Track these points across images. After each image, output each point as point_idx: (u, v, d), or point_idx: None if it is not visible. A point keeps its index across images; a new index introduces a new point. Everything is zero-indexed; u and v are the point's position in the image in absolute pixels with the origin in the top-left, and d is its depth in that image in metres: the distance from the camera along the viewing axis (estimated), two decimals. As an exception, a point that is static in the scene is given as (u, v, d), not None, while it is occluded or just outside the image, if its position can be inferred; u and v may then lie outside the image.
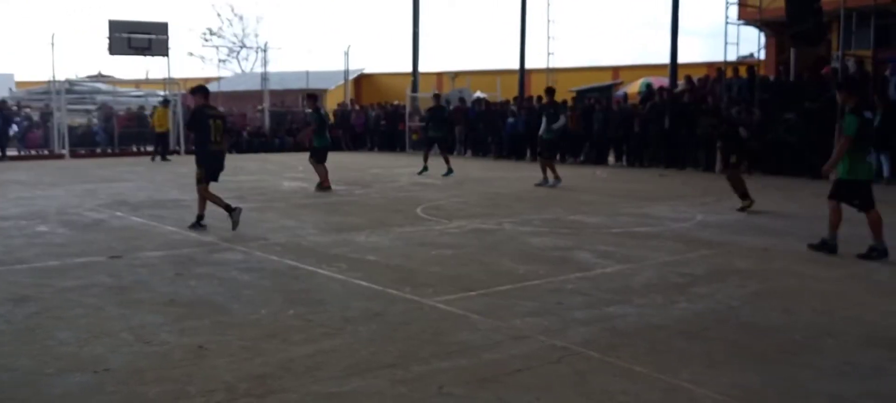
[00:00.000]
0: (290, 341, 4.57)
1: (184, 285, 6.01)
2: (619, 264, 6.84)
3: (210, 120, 8.73)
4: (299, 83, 31.91)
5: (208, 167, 8.76)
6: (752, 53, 19.26)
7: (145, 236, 8.38)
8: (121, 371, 4.04)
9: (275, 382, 3.89)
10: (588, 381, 3.93)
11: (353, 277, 6.25)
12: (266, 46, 29.23)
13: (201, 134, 8.79)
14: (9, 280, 6.18)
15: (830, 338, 4.68)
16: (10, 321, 4.99)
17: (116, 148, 24.64)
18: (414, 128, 25.56)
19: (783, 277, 6.41)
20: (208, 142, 8.74)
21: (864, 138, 6.98)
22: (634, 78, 26.66)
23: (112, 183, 14.66)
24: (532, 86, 27.11)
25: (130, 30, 23.14)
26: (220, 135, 8.83)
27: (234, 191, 13.07)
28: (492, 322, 4.95)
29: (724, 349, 4.45)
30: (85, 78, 31.62)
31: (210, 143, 8.74)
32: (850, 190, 7.13)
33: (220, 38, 46.63)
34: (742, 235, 8.43)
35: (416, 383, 3.88)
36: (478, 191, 13.17)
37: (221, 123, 8.90)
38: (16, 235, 8.43)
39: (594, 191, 13.33)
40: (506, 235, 8.47)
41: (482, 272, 6.52)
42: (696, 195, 12.43)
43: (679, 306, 5.40)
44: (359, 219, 9.66)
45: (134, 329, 4.80)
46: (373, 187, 13.96)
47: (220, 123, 8.85)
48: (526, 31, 25.72)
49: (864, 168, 7.08)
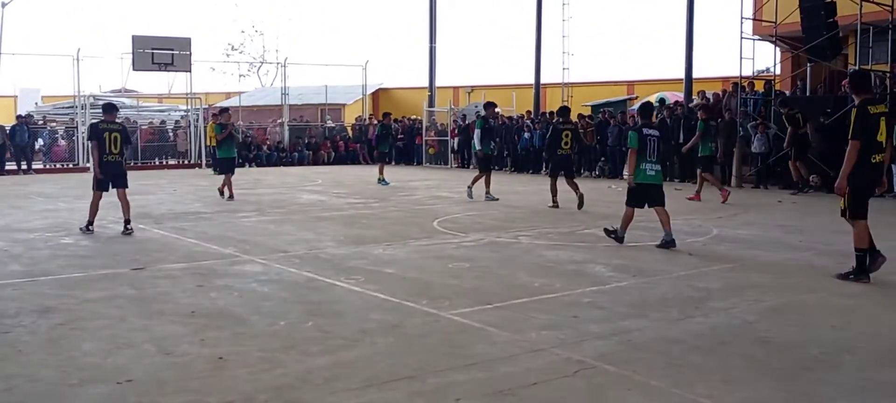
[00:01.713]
0: (308, 352, 4.63)
1: (205, 296, 6.10)
2: (635, 278, 6.85)
3: (106, 133, 9.54)
4: (318, 98, 32.18)
5: (103, 176, 9.56)
6: (767, 68, 19.19)
7: (167, 248, 8.50)
8: (143, 381, 4.12)
9: (293, 393, 3.95)
10: (604, 395, 3.95)
11: (371, 289, 6.31)
12: (286, 61, 29.47)
13: (99, 146, 9.55)
14: (34, 291, 6.30)
15: (848, 354, 4.66)
16: (34, 332, 5.10)
17: (139, 161, 24.96)
18: (430, 142, 25.67)
19: (800, 292, 6.39)
20: (104, 153, 9.52)
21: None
22: (649, 92, 26.61)
23: (135, 196, 14.72)
24: (547, 100, 27.14)
25: (154, 45, 23.45)
26: (118, 147, 9.58)
27: (254, 204, 13.23)
28: (508, 335, 4.98)
29: (741, 364, 4.45)
30: (109, 92, 32.07)
31: (105, 154, 9.52)
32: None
33: (242, 54, 47.21)
34: (758, 249, 8.40)
35: (432, 395, 3.92)
36: (494, 204, 13.20)
37: (119, 136, 9.64)
38: (41, 247, 8.59)
39: (609, 204, 13.31)
40: (522, 248, 8.50)
41: (498, 285, 6.55)
42: (711, 209, 12.39)
43: (695, 320, 5.41)
44: (376, 232, 9.73)
45: (156, 340, 4.89)
46: (390, 200, 14.05)
47: (117, 136, 9.61)
48: (541, 47, 25.79)
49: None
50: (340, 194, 15.21)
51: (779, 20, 16.91)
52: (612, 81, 30.46)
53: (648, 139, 8.52)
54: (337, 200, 14.01)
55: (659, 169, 8.66)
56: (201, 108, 25.29)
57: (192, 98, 25.34)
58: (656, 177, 8.60)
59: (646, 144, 8.50)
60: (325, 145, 27.56)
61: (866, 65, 16.19)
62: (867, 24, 15.72)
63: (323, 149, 27.28)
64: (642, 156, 8.51)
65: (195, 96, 25.55)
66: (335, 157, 27.15)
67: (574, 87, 26.46)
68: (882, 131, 6.61)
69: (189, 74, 24.47)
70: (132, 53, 23.25)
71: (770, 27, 17.33)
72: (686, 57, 21.78)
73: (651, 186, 8.58)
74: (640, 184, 8.57)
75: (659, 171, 8.66)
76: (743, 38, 17.09)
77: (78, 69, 23.99)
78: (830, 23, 15.70)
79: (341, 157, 27.26)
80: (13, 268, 7.36)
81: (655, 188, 8.59)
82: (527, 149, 21.92)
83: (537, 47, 25.82)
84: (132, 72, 24.08)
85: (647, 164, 8.54)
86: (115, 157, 9.60)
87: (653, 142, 8.52)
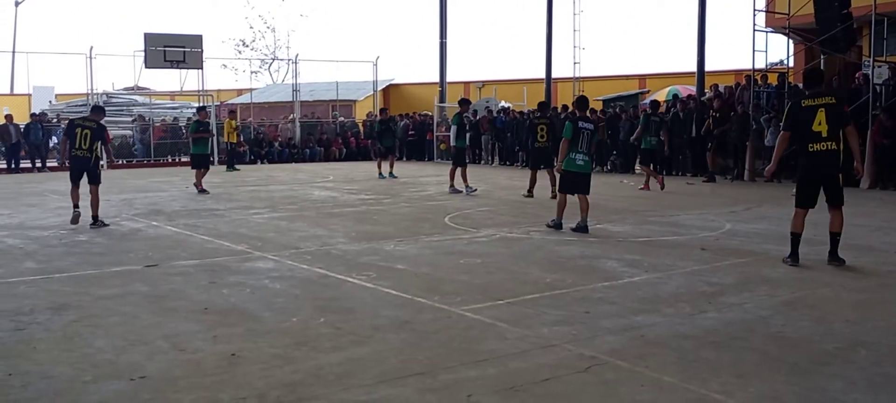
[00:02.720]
0: (320, 349, 4.64)
1: (217, 293, 6.13)
2: (647, 273, 6.82)
3: (78, 129, 10.03)
4: (329, 94, 32.24)
5: (71, 169, 10.15)
6: (780, 61, 19.04)
7: (180, 245, 8.54)
8: (156, 378, 4.15)
9: (305, 390, 3.96)
10: (616, 391, 3.94)
11: (382, 285, 6.32)
12: (297, 58, 29.53)
13: (69, 141, 10.15)
14: (48, 288, 6.36)
15: (863, 349, 4.63)
16: (49, 329, 5.14)
17: (152, 158, 25.10)
18: (441, 137, 25.66)
19: (814, 286, 6.34)
20: (73, 147, 10.05)
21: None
22: (661, 86, 26.49)
23: (148, 193, 14.95)
24: (559, 95, 27.06)
25: (166, 43, 23.55)
26: (86, 144, 9.99)
27: (266, 200, 13.28)
28: (520, 330, 4.98)
29: (754, 359, 4.42)
30: (122, 90, 32.25)
31: (74, 149, 10.04)
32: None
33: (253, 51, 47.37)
34: (772, 244, 8.35)
35: (444, 391, 3.92)
36: (505, 200, 13.19)
37: (90, 133, 10.02)
38: (56, 244, 8.66)
39: (621, 199, 13.27)
40: (533, 244, 8.49)
41: (510, 281, 6.55)
42: (724, 203, 12.32)
43: (708, 315, 5.38)
44: (387, 228, 9.74)
45: (169, 336, 4.92)
46: (401, 196, 14.05)
47: (88, 133, 10.02)
48: (552, 41, 25.69)
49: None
50: (352, 190, 15.23)
51: (792, 12, 16.76)
52: (624, 75, 30.33)
53: (582, 131, 9.05)
54: (348, 196, 14.03)
55: (588, 159, 9.21)
56: (213, 105, 25.37)
57: (204, 95, 25.44)
58: (585, 167, 9.16)
59: (579, 136, 9.03)
60: (336, 141, 27.61)
61: (881, 56, 16.05)
62: (882, 15, 15.55)
63: (334, 146, 27.32)
64: (574, 146, 9.05)
65: (207, 93, 25.64)
66: (346, 154, 27.19)
67: (585, 82, 26.31)
68: (821, 121, 6.90)
69: (201, 71, 24.57)
70: (144, 51, 23.35)
71: (783, 19, 17.18)
72: (698, 50, 21.62)
73: (580, 174, 9.15)
74: (569, 171, 9.14)
75: (588, 161, 9.22)
76: (756, 31, 16.97)
77: (91, 67, 24.12)
78: (844, 14, 15.55)
79: (352, 154, 27.30)
80: (28, 265, 7.43)
81: (583, 176, 9.18)
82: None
83: (548, 41, 25.72)
84: (145, 69, 24.17)
85: (577, 154, 9.08)
86: (83, 153, 10.02)
87: (586, 134, 9.07)
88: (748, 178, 16.37)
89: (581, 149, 9.07)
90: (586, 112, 9.69)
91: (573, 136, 9.05)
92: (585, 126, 9.11)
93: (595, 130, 9.35)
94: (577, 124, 9.07)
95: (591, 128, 9.18)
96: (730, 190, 13.51)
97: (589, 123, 9.23)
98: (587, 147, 9.13)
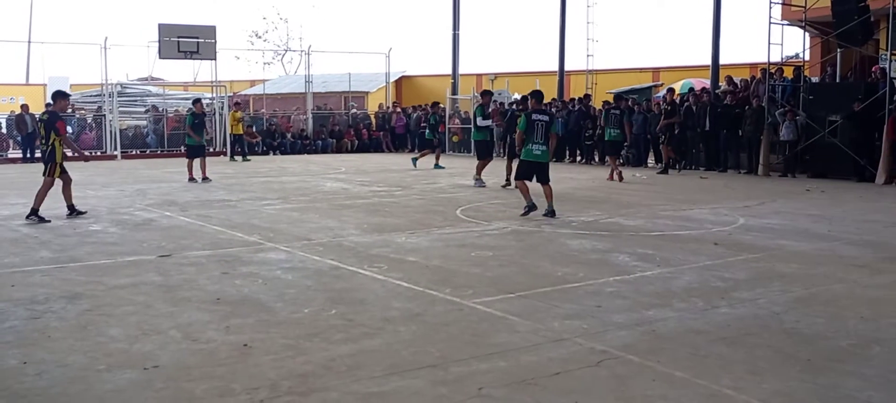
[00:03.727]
0: (331, 340, 4.66)
1: (229, 284, 6.16)
2: (659, 268, 6.79)
3: (39, 124, 10.25)
4: (342, 85, 32.25)
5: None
6: (796, 54, 18.85)
7: (193, 235, 8.59)
8: (169, 367, 4.17)
9: (317, 381, 3.98)
10: (627, 386, 3.93)
11: (394, 277, 6.33)
12: (309, 49, 29.55)
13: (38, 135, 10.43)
14: (63, 277, 6.41)
15: (877, 346, 4.59)
16: (63, 318, 5.18)
17: (165, 149, 25.23)
18: (454, 129, 25.63)
19: (828, 282, 6.29)
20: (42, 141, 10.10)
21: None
22: (675, 79, 26.32)
23: (161, 183, 15.03)
24: (571, 87, 26.95)
25: (180, 34, 23.63)
26: (43, 134, 10.04)
27: (278, 191, 13.32)
28: (531, 324, 4.97)
29: (767, 355, 4.40)
30: (136, 80, 32.40)
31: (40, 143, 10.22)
32: None
33: (266, 42, 47.45)
34: (786, 239, 8.29)
35: (455, 384, 3.93)
36: (517, 193, 13.14)
37: (43, 125, 10.13)
38: (70, 234, 8.73)
39: (633, 193, 13.22)
40: (545, 237, 8.47)
41: (521, 274, 6.54)
42: (737, 198, 12.24)
43: (720, 311, 5.35)
44: (399, 220, 9.75)
45: (181, 326, 4.95)
46: (413, 188, 14.06)
47: (41, 124, 10.22)
48: (565, 33, 25.60)
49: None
50: (364, 182, 15.25)
51: (808, 4, 16.58)
52: (637, 68, 30.15)
53: (536, 123, 9.64)
54: (360, 188, 14.05)
55: (545, 149, 9.72)
56: (226, 96, 25.47)
57: (217, 86, 25.53)
58: (542, 156, 9.70)
59: (533, 127, 9.64)
60: (348, 133, 27.63)
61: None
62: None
63: (346, 137, 27.34)
64: (530, 137, 9.65)
65: (220, 84, 25.73)
66: (358, 145, 27.21)
67: (598, 74, 26.22)
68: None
69: (214, 62, 24.64)
70: (158, 42, 23.43)
71: (799, 12, 17.00)
72: (713, 42, 21.48)
73: (535, 163, 9.71)
74: (525, 160, 9.79)
75: (545, 151, 9.73)
76: (771, 23, 16.78)
77: (105, 57, 24.26)
78: (862, 7, 15.38)
79: (365, 145, 27.32)
80: (42, 255, 7.49)
81: (540, 165, 9.75)
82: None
83: (561, 33, 25.64)
84: (158, 60, 24.26)
85: (533, 145, 9.66)
86: (43, 146, 10.08)
87: (540, 125, 9.65)
88: (762, 173, 16.25)
89: (537, 139, 9.61)
90: (541, 104, 10.22)
91: (527, 128, 9.65)
92: (539, 117, 9.67)
93: (550, 121, 9.85)
94: (530, 117, 9.67)
95: (545, 119, 9.71)
96: (743, 184, 13.43)
97: (543, 115, 9.80)
98: (543, 137, 9.63)
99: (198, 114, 16.16)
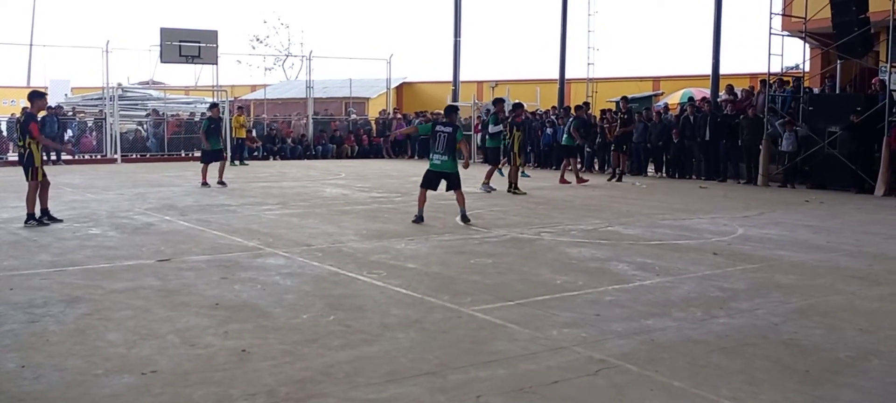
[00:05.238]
0: (329, 346, 4.66)
1: (228, 289, 6.16)
2: (658, 277, 6.80)
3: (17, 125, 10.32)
4: (343, 91, 32.31)
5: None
6: (796, 65, 18.89)
7: (192, 240, 8.59)
8: (167, 372, 4.17)
9: (315, 387, 3.98)
10: (625, 395, 3.93)
11: (393, 284, 6.33)
12: (311, 55, 29.60)
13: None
14: (61, 281, 6.41)
15: (875, 358, 4.59)
16: (62, 321, 5.18)
17: (166, 153, 25.25)
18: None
19: (827, 294, 6.30)
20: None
21: None
22: (675, 88, 26.37)
23: (161, 187, 15.03)
24: (572, 95, 26.99)
25: (181, 38, 23.67)
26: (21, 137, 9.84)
27: (278, 196, 13.32)
28: (529, 332, 4.97)
29: (765, 366, 4.40)
30: (137, 84, 32.44)
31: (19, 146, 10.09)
32: None
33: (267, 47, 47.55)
34: (784, 250, 8.30)
35: (454, 391, 3.92)
36: (517, 200, 13.17)
37: (19, 127, 10.10)
38: (69, 237, 8.72)
39: (632, 202, 13.23)
40: (544, 245, 8.47)
41: (520, 281, 6.54)
42: (737, 208, 12.25)
43: (719, 321, 5.35)
44: (398, 227, 9.75)
45: (180, 331, 4.95)
46: (413, 195, 14.03)
47: (19, 126, 10.20)
48: (566, 41, 25.64)
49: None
50: (364, 188, 15.26)
51: (809, 16, 16.63)
52: (638, 77, 30.21)
53: (438, 134, 10.05)
54: (360, 194, 14.06)
55: (446, 158, 10.03)
56: (227, 101, 25.50)
57: (219, 90, 25.55)
58: (442, 166, 10.04)
59: (435, 137, 10.06)
60: (348, 139, 27.66)
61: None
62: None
63: (347, 143, 27.37)
64: (432, 147, 10.13)
65: (221, 89, 25.76)
66: (359, 151, 27.24)
67: (599, 83, 26.25)
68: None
69: (215, 67, 24.68)
70: (160, 46, 23.46)
71: (800, 23, 17.04)
72: (713, 53, 21.53)
73: (437, 172, 10.08)
74: (428, 169, 10.18)
75: (445, 161, 10.03)
76: (772, 34, 16.83)
77: (107, 61, 24.29)
78: (862, 19, 15.42)
79: (365, 151, 27.34)
80: (42, 258, 7.49)
81: (443, 174, 10.10)
82: (550, 145, 21.79)
83: (562, 42, 25.68)
84: (160, 64, 24.29)
85: (434, 155, 10.09)
86: (21, 149, 9.88)
87: (442, 136, 10.03)
88: (762, 183, 16.27)
89: (437, 149, 10.03)
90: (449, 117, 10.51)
91: (431, 138, 10.13)
92: (443, 129, 10.06)
93: (454, 132, 10.09)
94: (434, 127, 10.17)
95: (447, 131, 10.05)
96: (743, 194, 13.43)
97: (448, 127, 10.12)
98: (444, 147, 10.00)
99: (214, 119, 16.19)
